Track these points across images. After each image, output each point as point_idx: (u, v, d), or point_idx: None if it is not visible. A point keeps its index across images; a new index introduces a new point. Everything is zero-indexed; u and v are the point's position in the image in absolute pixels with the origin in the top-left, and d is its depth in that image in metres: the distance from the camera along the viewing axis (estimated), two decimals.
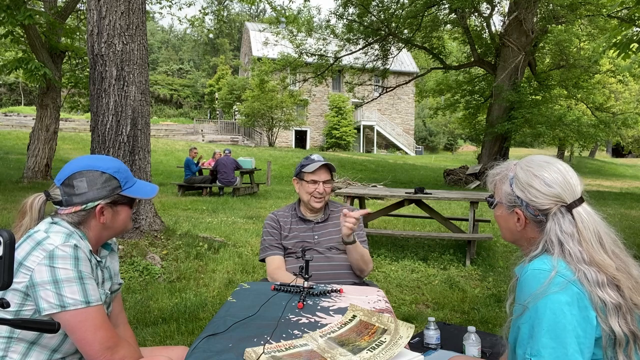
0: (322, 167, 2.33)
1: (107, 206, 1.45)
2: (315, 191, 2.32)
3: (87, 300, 1.31)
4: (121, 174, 1.48)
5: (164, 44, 63.33)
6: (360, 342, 1.33)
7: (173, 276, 4.28)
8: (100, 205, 1.43)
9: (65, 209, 1.41)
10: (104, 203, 1.44)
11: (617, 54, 6.66)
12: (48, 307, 1.25)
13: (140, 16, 4.88)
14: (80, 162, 1.45)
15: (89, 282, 1.33)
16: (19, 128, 24.57)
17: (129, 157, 4.79)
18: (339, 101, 33.39)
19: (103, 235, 1.50)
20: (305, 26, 18.75)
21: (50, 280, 1.25)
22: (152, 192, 1.58)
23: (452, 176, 16.52)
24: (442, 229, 6.42)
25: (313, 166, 2.32)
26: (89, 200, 1.41)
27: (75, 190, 1.41)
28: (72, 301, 1.27)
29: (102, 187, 1.43)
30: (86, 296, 1.31)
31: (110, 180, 1.45)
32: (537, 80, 16.73)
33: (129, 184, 1.50)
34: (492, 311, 3.67)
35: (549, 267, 1.13)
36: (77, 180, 1.41)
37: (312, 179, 2.33)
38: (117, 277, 1.63)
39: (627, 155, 45.11)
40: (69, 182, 1.41)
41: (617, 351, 1.10)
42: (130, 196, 1.51)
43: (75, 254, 1.31)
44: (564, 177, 1.23)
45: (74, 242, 1.33)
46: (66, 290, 1.27)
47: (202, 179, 11.41)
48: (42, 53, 9.79)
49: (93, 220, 1.45)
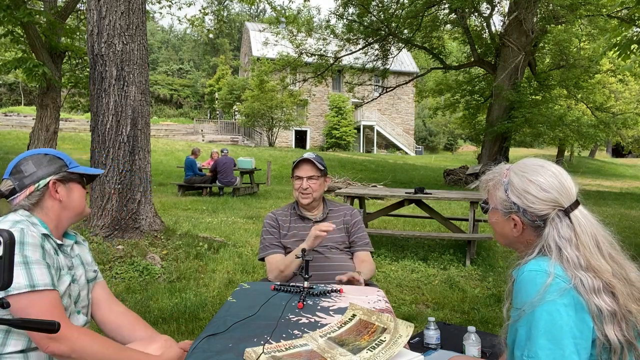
0: (304, 163, 2.33)
1: (59, 182, 1.50)
2: (300, 187, 2.32)
3: (32, 284, 1.28)
4: (63, 156, 1.56)
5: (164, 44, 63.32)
6: (360, 341, 1.33)
7: (173, 276, 4.28)
8: (52, 181, 1.48)
9: (20, 194, 1.45)
10: (55, 178, 1.49)
11: (617, 55, 6.66)
12: None
13: (140, 16, 4.88)
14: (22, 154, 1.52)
15: (36, 266, 1.31)
16: (19, 128, 24.55)
17: (129, 157, 4.79)
18: (339, 101, 33.37)
19: (62, 217, 1.52)
20: (305, 26, 18.74)
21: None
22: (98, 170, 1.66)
23: (452, 176, 16.52)
24: (442, 229, 6.42)
25: (296, 162, 2.35)
26: (40, 177, 1.46)
27: (25, 173, 1.45)
28: (15, 285, 1.24)
29: (48, 165, 1.49)
30: (31, 279, 1.28)
31: (55, 159, 1.52)
32: (537, 80, 16.71)
33: (74, 164, 1.57)
34: (492, 311, 3.67)
35: (545, 269, 1.13)
36: (23, 165, 1.47)
37: (296, 174, 2.34)
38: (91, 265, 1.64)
39: (627, 155, 45.08)
40: (17, 169, 1.47)
41: (612, 358, 1.10)
42: (79, 172, 1.56)
43: (20, 238, 1.31)
44: (559, 180, 1.22)
45: (20, 227, 1.33)
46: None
47: (202, 179, 11.41)
48: (42, 53, 9.78)
49: (49, 200, 1.49)
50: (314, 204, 2.38)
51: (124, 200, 4.76)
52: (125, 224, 4.76)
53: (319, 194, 2.36)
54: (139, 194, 4.87)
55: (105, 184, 4.72)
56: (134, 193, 4.83)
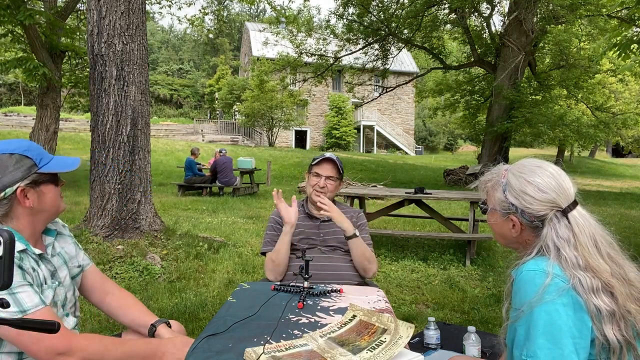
0: (326, 162, 2.37)
1: (28, 187, 1.34)
2: (317, 184, 2.35)
3: (23, 309, 1.21)
4: (33, 152, 1.36)
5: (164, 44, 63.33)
6: (360, 342, 1.33)
7: (173, 276, 4.29)
8: (20, 188, 1.32)
9: None
10: (23, 185, 1.32)
11: (617, 55, 6.66)
12: None
13: (140, 16, 4.88)
14: None
15: (20, 290, 1.23)
16: (19, 128, 24.55)
17: (129, 157, 4.79)
18: (339, 101, 33.37)
19: (36, 222, 1.40)
20: (305, 26, 18.73)
21: None
22: (73, 164, 1.45)
23: (452, 176, 16.51)
24: (442, 229, 6.42)
25: (318, 159, 2.39)
26: (6, 186, 1.30)
27: None
28: (5, 314, 1.18)
29: (15, 169, 1.31)
30: (20, 305, 1.21)
31: (22, 159, 1.33)
32: (537, 80, 16.71)
33: (45, 160, 1.39)
34: (492, 311, 3.67)
35: (544, 269, 1.13)
36: None
37: (316, 171, 2.38)
38: (74, 260, 1.55)
39: (627, 155, 45.09)
40: None
41: (611, 358, 1.10)
42: (50, 172, 1.39)
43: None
44: (557, 181, 1.22)
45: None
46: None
47: (202, 179, 11.42)
48: (42, 53, 9.79)
49: (19, 208, 1.34)
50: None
51: (124, 200, 4.76)
52: (125, 224, 4.76)
53: (332, 195, 2.39)
54: (139, 194, 4.87)
55: (105, 184, 4.72)
56: (134, 193, 4.83)
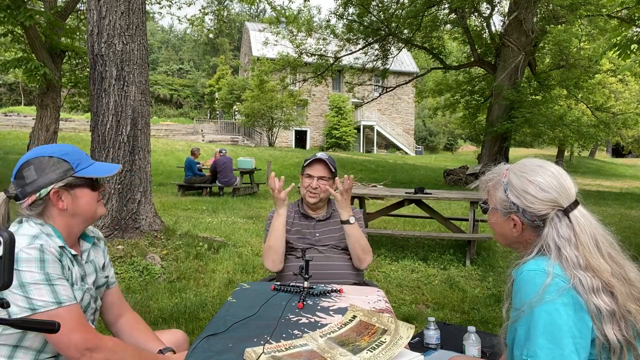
0: (317, 162, 2.37)
1: (63, 190, 1.39)
2: (310, 185, 2.35)
3: (58, 301, 1.27)
4: (71, 156, 1.42)
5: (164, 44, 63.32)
6: (360, 342, 1.33)
7: (173, 276, 4.29)
8: (54, 190, 1.37)
9: (23, 202, 1.37)
10: (57, 187, 1.38)
11: (618, 55, 6.66)
12: (18, 311, 1.22)
13: (140, 16, 4.88)
14: (30, 153, 1.41)
15: (58, 282, 1.29)
16: (19, 128, 24.55)
17: (129, 157, 4.79)
18: (339, 101, 33.37)
19: (72, 224, 1.44)
20: (305, 26, 18.73)
21: (16, 284, 1.22)
22: (111, 170, 1.50)
23: (452, 176, 16.51)
24: (442, 229, 6.42)
25: (310, 160, 2.39)
26: (41, 186, 1.36)
27: (26, 180, 1.36)
28: (42, 303, 1.24)
29: (51, 171, 1.38)
30: (57, 297, 1.27)
31: (59, 163, 1.39)
32: (537, 80, 16.71)
33: (83, 165, 1.44)
34: (492, 311, 3.67)
35: (544, 269, 1.13)
36: (25, 170, 1.37)
37: (308, 172, 2.38)
38: (103, 271, 1.58)
39: (627, 155, 45.09)
40: (20, 174, 1.38)
41: (611, 358, 1.10)
42: (86, 177, 1.44)
43: (40, 256, 1.27)
44: (558, 180, 1.22)
45: (39, 243, 1.29)
46: (34, 293, 1.24)
47: (202, 179, 11.42)
48: (42, 53, 9.78)
49: (53, 209, 1.40)
50: (319, 204, 2.41)
51: (124, 200, 4.76)
52: (125, 224, 4.76)
53: (326, 195, 2.39)
54: (139, 194, 4.87)
55: (105, 184, 4.72)
56: (134, 193, 4.83)
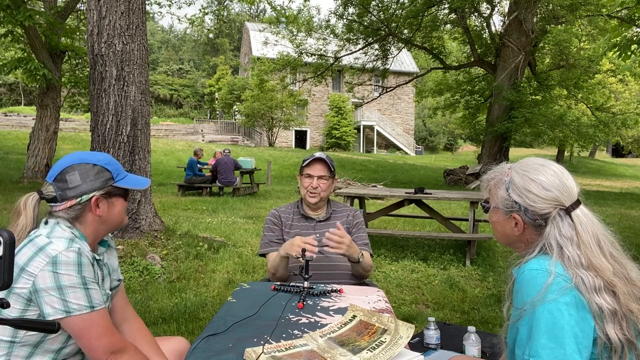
0: (316, 162, 2.35)
1: (102, 198, 1.44)
2: (310, 185, 2.33)
3: (92, 305, 1.31)
4: (112, 166, 1.48)
5: (164, 44, 63.30)
6: (360, 342, 1.33)
7: (173, 276, 4.28)
8: (95, 197, 1.42)
9: (61, 205, 1.40)
10: (98, 194, 1.43)
11: (618, 55, 6.67)
12: (53, 313, 1.26)
13: (140, 16, 4.88)
14: (71, 158, 1.44)
15: (93, 286, 1.33)
16: (19, 128, 24.56)
17: (129, 157, 4.79)
18: (339, 101, 33.38)
19: (100, 231, 1.49)
20: (305, 26, 18.73)
21: (54, 287, 1.25)
22: (144, 183, 1.57)
23: (452, 176, 16.52)
24: (442, 229, 6.42)
25: (309, 160, 2.37)
26: (84, 192, 1.40)
27: (69, 184, 1.39)
28: (77, 306, 1.28)
29: (95, 179, 1.42)
30: (90, 301, 1.31)
31: (103, 172, 1.44)
32: (537, 80, 16.71)
33: (121, 176, 1.50)
34: (492, 311, 3.67)
35: (546, 268, 1.13)
36: (70, 174, 1.40)
37: (307, 172, 2.36)
38: (115, 274, 1.62)
39: (627, 155, 45.10)
40: (62, 177, 1.40)
41: (613, 357, 1.10)
42: (124, 187, 1.50)
43: (78, 259, 1.30)
44: (560, 179, 1.22)
45: (77, 247, 1.32)
46: (70, 296, 1.27)
47: (202, 179, 11.42)
48: (42, 53, 9.79)
49: (89, 215, 1.43)
50: (320, 204, 2.39)
51: None
52: (125, 224, 4.76)
53: (326, 194, 2.37)
54: (139, 194, 4.87)
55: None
56: (134, 193, 4.83)
